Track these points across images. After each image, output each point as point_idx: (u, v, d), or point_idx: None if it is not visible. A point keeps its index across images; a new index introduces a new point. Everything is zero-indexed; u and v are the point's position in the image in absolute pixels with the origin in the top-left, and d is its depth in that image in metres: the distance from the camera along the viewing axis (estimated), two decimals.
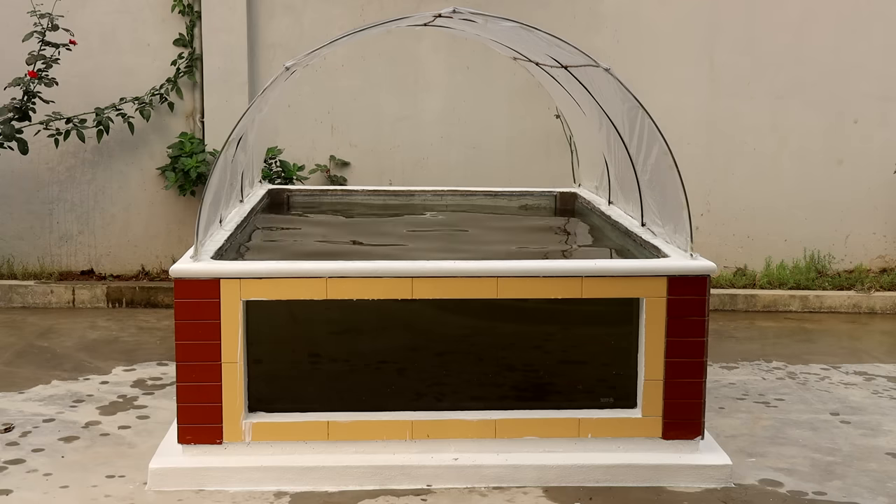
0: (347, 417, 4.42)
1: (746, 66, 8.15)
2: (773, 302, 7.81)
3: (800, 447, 4.94)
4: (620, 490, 4.37)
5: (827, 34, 8.15)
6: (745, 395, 5.72)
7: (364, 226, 6.33)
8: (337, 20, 7.95)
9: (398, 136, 8.19)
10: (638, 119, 4.72)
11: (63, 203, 8.08)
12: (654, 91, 7.63)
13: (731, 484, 4.45)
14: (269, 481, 4.32)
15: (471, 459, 4.40)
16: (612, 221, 5.63)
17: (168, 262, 7.95)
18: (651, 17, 8.13)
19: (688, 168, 5.16)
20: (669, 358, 4.42)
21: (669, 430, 4.47)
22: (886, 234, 8.33)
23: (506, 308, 4.51)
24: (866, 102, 8.20)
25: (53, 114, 7.67)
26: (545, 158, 8.13)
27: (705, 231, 8.02)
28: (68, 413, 5.28)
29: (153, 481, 4.33)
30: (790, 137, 8.24)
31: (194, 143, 7.90)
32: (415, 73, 8.18)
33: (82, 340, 6.71)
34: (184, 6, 7.92)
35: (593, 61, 4.61)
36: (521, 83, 7.83)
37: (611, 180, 5.92)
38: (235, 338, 4.30)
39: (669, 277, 4.40)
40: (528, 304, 4.50)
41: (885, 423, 5.30)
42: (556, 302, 4.46)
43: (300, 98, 8.05)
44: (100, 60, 7.96)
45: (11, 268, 8.01)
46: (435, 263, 4.40)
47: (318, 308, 4.39)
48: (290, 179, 7.81)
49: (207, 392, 4.32)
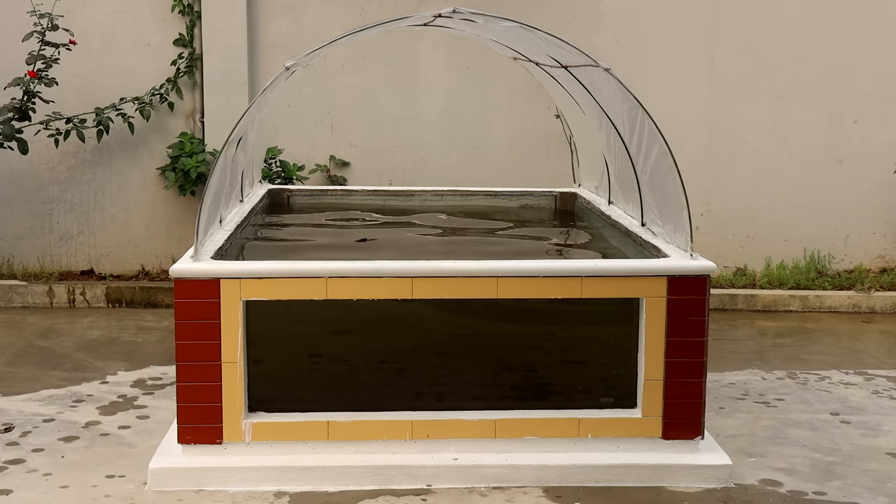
0: (347, 417, 4.42)
1: (746, 67, 8.14)
2: (773, 302, 7.81)
3: (800, 447, 4.94)
4: (620, 490, 4.37)
5: (827, 34, 8.15)
6: (745, 395, 5.72)
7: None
8: (337, 20, 7.95)
9: (398, 136, 8.19)
10: (638, 119, 4.72)
11: (63, 203, 8.08)
12: (654, 91, 7.63)
13: (731, 484, 4.45)
14: (269, 481, 4.32)
15: (471, 459, 4.40)
16: (612, 221, 5.63)
17: (168, 262, 7.95)
18: (651, 17, 8.13)
19: (688, 168, 5.16)
20: (669, 358, 4.42)
21: (669, 430, 4.47)
22: (886, 234, 8.33)
23: (506, 308, 4.51)
24: (866, 102, 8.20)
25: (53, 114, 7.67)
26: (545, 158, 8.13)
27: (705, 231, 8.02)
28: (68, 413, 5.28)
29: (153, 481, 4.33)
30: (790, 137, 8.24)
31: (194, 143, 7.90)
32: (415, 73, 8.18)
33: (82, 340, 6.71)
34: (184, 6, 7.92)
35: (593, 61, 4.61)
36: (521, 83, 7.83)
37: (611, 180, 5.92)
38: (235, 338, 4.29)
39: (669, 277, 4.40)
40: (528, 305, 4.50)
41: (885, 423, 5.30)
42: (556, 302, 4.46)
43: (300, 98, 8.05)
44: (100, 60, 7.96)
45: (11, 268, 8.01)
46: (435, 263, 4.40)
47: (318, 308, 4.39)
48: (290, 179, 7.81)
49: (207, 392, 4.32)
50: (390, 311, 4.44)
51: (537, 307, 4.51)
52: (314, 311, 4.42)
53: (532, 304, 4.49)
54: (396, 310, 4.43)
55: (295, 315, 4.45)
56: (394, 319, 4.48)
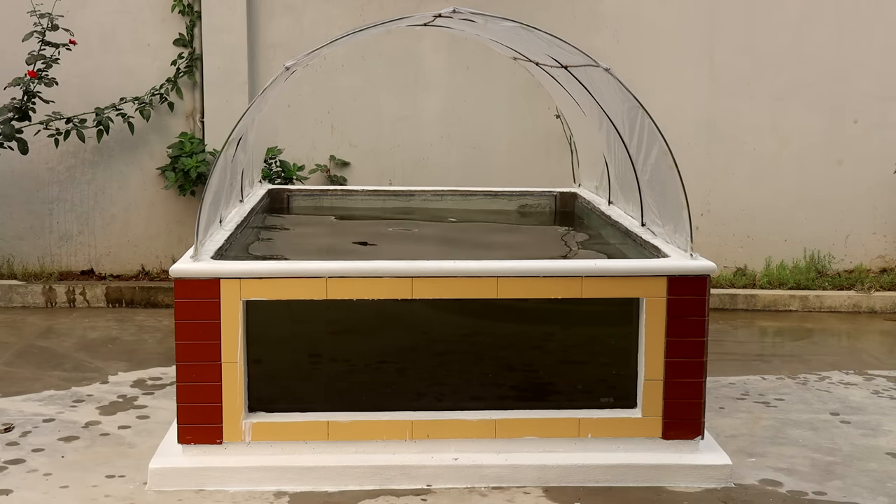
0: (347, 417, 4.42)
1: (746, 66, 8.15)
2: (773, 302, 7.81)
3: (800, 447, 4.94)
4: (620, 490, 4.37)
5: (827, 34, 8.15)
6: (745, 394, 5.72)
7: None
8: (337, 20, 7.95)
9: (398, 136, 8.19)
10: (638, 119, 4.72)
11: (63, 203, 8.08)
12: (654, 91, 7.63)
13: (731, 484, 4.45)
14: (269, 481, 4.32)
15: (471, 459, 4.40)
16: (612, 221, 5.63)
17: (168, 262, 7.95)
18: (651, 17, 8.13)
19: (688, 168, 5.16)
20: (669, 358, 4.42)
21: (669, 430, 4.47)
22: (886, 234, 8.33)
23: (506, 308, 4.51)
24: (866, 102, 8.20)
25: (53, 114, 7.67)
26: (545, 158, 8.13)
27: (705, 231, 8.03)
28: (68, 413, 5.28)
29: (153, 481, 4.33)
30: (790, 137, 8.24)
31: (194, 143, 7.90)
32: (415, 73, 8.18)
33: (82, 340, 6.71)
34: (184, 6, 7.92)
35: (593, 61, 4.61)
36: (521, 83, 7.83)
37: (611, 180, 5.92)
38: (235, 338, 4.29)
39: (669, 277, 4.39)
40: (528, 305, 4.50)
41: (885, 423, 5.30)
42: (557, 302, 4.45)
43: (300, 98, 8.05)
44: (100, 60, 7.96)
45: (11, 268, 8.01)
46: (435, 263, 4.40)
47: (318, 308, 4.39)
48: (290, 179, 7.80)
49: (207, 392, 4.32)
50: (390, 311, 4.44)
51: (537, 307, 4.51)
52: (314, 311, 4.42)
53: (532, 304, 4.49)
54: (396, 310, 4.43)
55: (295, 315, 4.45)
56: (394, 319, 4.48)
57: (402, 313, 4.47)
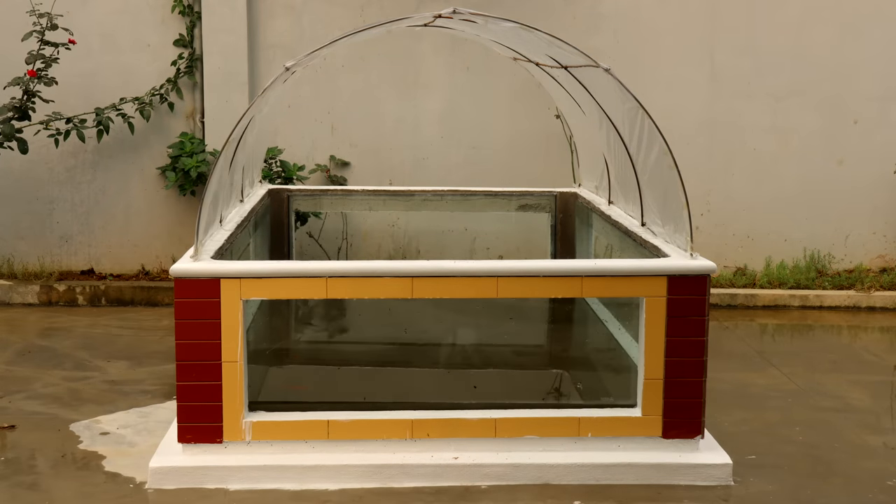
0: (347, 416, 4.42)
1: (747, 66, 8.15)
2: (773, 301, 7.82)
3: (800, 445, 4.94)
4: (620, 489, 4.37)
5: (827, 34, 8.15)
6: (745, 394, 5.72)
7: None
8: (337, 20, 7.95)
9: (398, 136, 8.19)
10: (638, 119, 4.72)
11: (63, 203, 8.09)
12: (654, 91, 7.63)
13: (731, 483, 4.45)
14: (269, 480, 4.33)
15: (471, 458, 4.40)
16: (612, 221, 5.63)
17: (168, 262, 7.96)
18: (651, 17, 8.14)
19: (688, 168, 5.16)
20: (669, 357, 4.43)
21: (669, 430, 4.47)
22: (886, 234, 8.33)
23: (505, 307, 4.51)
24: (866, 102, 8.20)
25: (53, 114, 7.67)
26: (545, 158, 8.13)
27: (705, 231, 8.03)
28: (68, 412, 5.28)
29: (153, 480, 4.33)
30: (790, 137, 8.24)
31: (194, 143, 7.90)
32: (415, 73, 8.19)
33: (82, 340, 6.71)
34: (184, 6, 7.92)
35: (593, 61, 4.62)
36: (521, 83, 7.83)
37: (611, 180, 5.92)
38: (235, 337, 4.30)
39: (669, 277, 4.40)
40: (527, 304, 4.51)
41: (885, 423, 5.30)
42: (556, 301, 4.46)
43: (300, 98, 8.05)
44: (100, 60, 7.96)
45: (11, 268, 8.02)
46: (435, 263, 4.41)
47: (318, 308, 4.39)
48: (290, 179, 7.81)
49: (207, 391, 4.32)
50: (390, 311, 4.44)
51: (537, 306, 4.52)
52: (314, 310, 4.42)
53: (532, 303, 4.50)
54: (396, 310, 4.44)
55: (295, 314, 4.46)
56: (394, 319, 4.49)
57: (402, 313, 4.46)
